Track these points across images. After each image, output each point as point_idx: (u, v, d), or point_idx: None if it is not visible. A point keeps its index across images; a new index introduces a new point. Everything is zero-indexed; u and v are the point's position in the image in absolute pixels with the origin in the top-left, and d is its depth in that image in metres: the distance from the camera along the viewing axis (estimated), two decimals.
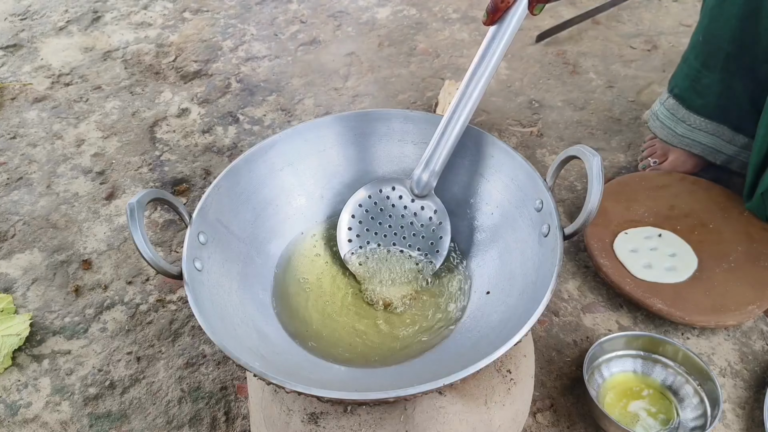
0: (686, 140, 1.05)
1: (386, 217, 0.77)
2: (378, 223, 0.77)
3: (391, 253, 0.76)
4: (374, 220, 0.77)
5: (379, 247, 0.76)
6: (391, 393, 0.52)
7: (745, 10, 0.87)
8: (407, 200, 0.77)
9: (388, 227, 0.77)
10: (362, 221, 0.77)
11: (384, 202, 0.78)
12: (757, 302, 0.86)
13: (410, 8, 1.63)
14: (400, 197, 0.77)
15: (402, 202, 0.77)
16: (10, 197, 1.17)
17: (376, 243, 0.77)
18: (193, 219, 0.67)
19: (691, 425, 0.76)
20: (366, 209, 0.77)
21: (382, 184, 0.78)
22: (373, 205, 0.77)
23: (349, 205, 0.78)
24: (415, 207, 0.77)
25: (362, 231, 0.77)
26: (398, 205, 0.77)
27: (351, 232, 0.77)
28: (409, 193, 0.77)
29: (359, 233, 0.77)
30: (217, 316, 0.62)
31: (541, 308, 0.56)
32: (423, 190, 0.76)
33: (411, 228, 0.77)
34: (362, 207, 0.78)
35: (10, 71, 1.47)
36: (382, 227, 0.77)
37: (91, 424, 0.83)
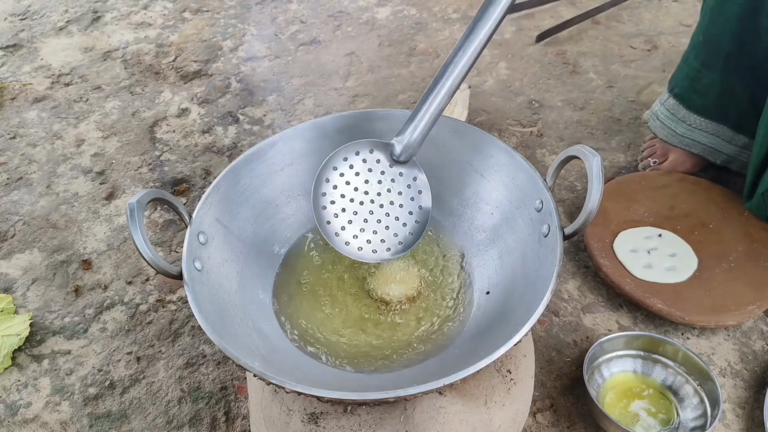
0: (686, 140, 1.05)
1: (362, 183, 0.72)
2: (353, 189, 0.72)
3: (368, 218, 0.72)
4: (349, 185, 0.72)
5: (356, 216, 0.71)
6: (391, 393, 0.52)
7: (745, 9, 0.87)
8: (386, 164, 0.72)
9: (365, 193, 0.72)
10: (337, 185, 0.71)
11: (361, 165, 0.72)
12: (757, 302, 0.86)
13: (410, 8, 1.63)
14: (378, 161, 0.72)
15: (380, 166, 0.72)
16: (10, 197, 1.17)
17: (352, 211, 0.71)
18: (193, 219, 0.67)
19: (691, 425, 0.76)
20: (341, 173, 0.71)
21: (360, 145, 0.72)
22: (349, 169, 0.72)
23: (324, 168, 0.72)
24: (393, 172, 0.72)
25: (337, 197, 0.71)
26: (375, 169, 0.72)
27: (325, 198, 0.71)
28: (388, 158, 0.72)
29: (334, 199, 0.71)
30: (217, 316, 0.62)
31: (541, 308, 0.56)
32: (402, 155, 0.70)
33: (389, 195, 0.72)
34: (337, 170, 0.72)
35: (10, 71, 1.47)
36: (358, 193, 0.72)
37: (91, 424, 0.83)
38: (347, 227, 0.71)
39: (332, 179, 0.72)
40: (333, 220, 0.71)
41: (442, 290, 0.74)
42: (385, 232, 0.71)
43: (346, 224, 0.71)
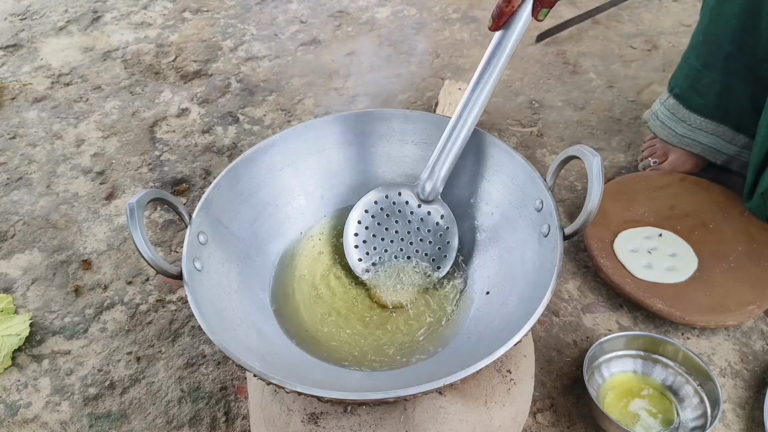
0: (686, 140, 1.05)
1: (392, 223, 0.77)
2: (384, 229, 0.77)
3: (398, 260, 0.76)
4: (380, 225, 0.77)
5: (386, 253, 0.76)
6: (391, 393, 0.52)
7: (746, 9, 0.87)
8: (414, 205, 0.77)
9: (395, 233, 0.77)
10: (369, 227, 0.77)
11: (390, 208, 0.77)
12: (757, 302, 0.86)
13: (410, 8, 1.63)
14: (407, 202, 0.77)
15: (408, 207, 0.77)
16: (10, 197, 1.17)
17: (383, 249, 0.76)
18: (193, 219, 0.67)
19: (691, 425, 0.76)
20: (372, 215, 0.77)
21: (389, 189, 0.77)
22: (380, 211, 0.77)
23: (355, 210, 0.77)
24: (421, 212, 0.76)
25: (369, 237, 0.77)
26: (405, 210, 0.77)
27: (357, 238, 0.76)
28: (415, 198, 0.76)
29: (366, 239, 0.76)
30: (217, 316, 0.62)
31: (541, 308, 0.56)
32: (429, 195, 0.75)
33: (418, 233, 0.76)
34: (368, 212, 0.77)
35: (10, 71, 1.47)
36: (389, 233, 0.77)
37: (91, 424, 0.83)
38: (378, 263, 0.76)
39: (364, 221, 0.77)
40: (364, 257, 0.76)
41: (442, 290, 0.74)
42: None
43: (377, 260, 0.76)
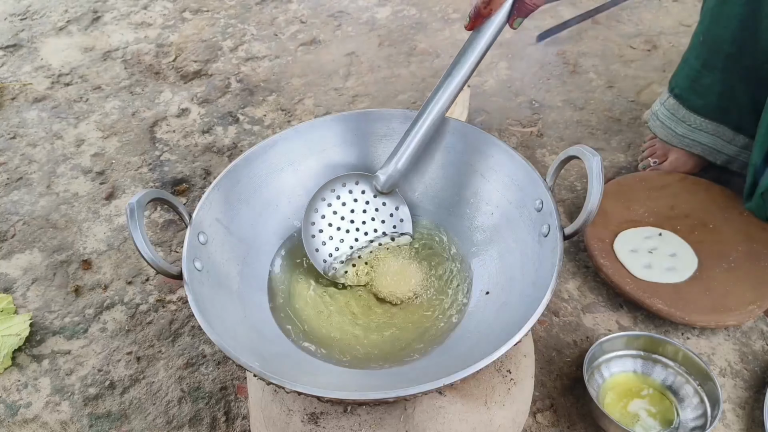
0: (686, 140, 1.05)
1: (348, 212, 0.78)
2: (340, 218, 0.78)
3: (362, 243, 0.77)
4: (336, 214, 0.77)
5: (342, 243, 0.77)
6: (391, 393, 0.52)
7: (746, 10, 0.87)
8: (369, 195, 0.78)
9: (350, 222, 0.78)
10: (324, 215, 0.77)
11: (346, 196, 0.78)
12: (757, 302, 0.86)
13: (410, 8, 1.63)
14: (363, 192, 0.78)
15: (364, 197, 0.78)
16: (10, 197, 1.17)
17: (339, 238, 0.77)
18: (193, 219, 0.67)
19: (691, 425, 0.76)
20: (329, 203, 0.77)
21: (346, 179, 0.78)
22: (336, 199, 0.78)
23: (313, 199, 0.77)
24: (377, 203, 0.78)
25: (325, 226, 0.77)
26: (360, 199, 0.78)
27: (314, 227, 0.76)
28: (372, 189, 0.77)
29: (322, 228, 0.77)
30: (217, 316, 0.62)
31: (541, 308, 0.56)
32: (385, 187, 0.77)
33: (372, 223, 0.78)
34: (325, 200, 0.77)
35: (10, 71, 1.47)
36: (344, 222, 0.78)
37: (91, 424, 0.83)
38: (334, 254, 0.76)
39: (320, 209, 0.77)
40: (321, 248, 0.76)
41: (442, 290, 0.74)
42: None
43: (334, 251, 0.77)
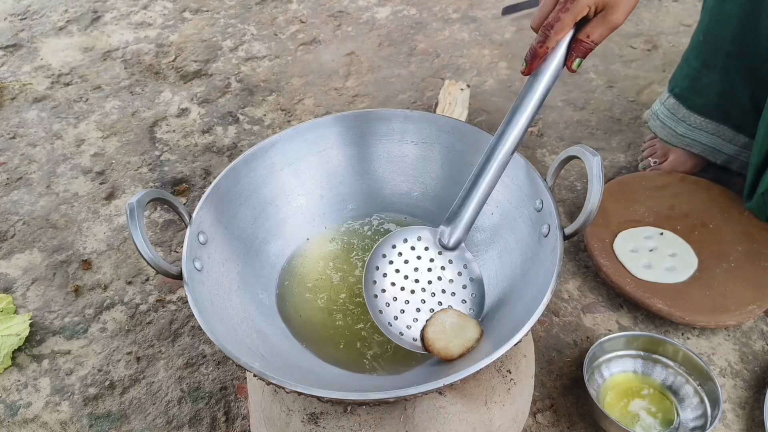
0: (686, 140, 1.05)
1: (412, 270, 0.70)
2: (404, 277, 0.70)
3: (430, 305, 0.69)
4: (399, 273, 0.70)
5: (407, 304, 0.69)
6: (391, 393, 0.52)
7: (746, 9, 0.87)
8: (434, 252, 0.70)
9: (415, 281, 0.70)
10: (387, 273, 0.69)
11: (409, 253, 0.70)
12: (757, 302, 0.86)
13: (410, 8, 1.63)
14: (426, 248, 0.71)
15: (428, 253, 0.70)
16: (10, 197, 1.17)
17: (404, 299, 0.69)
18: (192, 219, 0.67)
19: (691, 425, 0.76)
20: (390, 260, 0.70)
21: (408, 233, 0.71)
22: (398, 256, 0.70)
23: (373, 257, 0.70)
24: (443, 260, 0.70)
25: (388, 285, 0.69)
26: (424, 256, 0.70)
27: (376, 286, 0.69)
28: (436, 245, 0.70)
29: (385, 288, 0.69)
30: (217, 316, 0.62)
31: (541, 308, 0.56)
32: (453, 243, 0.69)
33: (439, 283, 0.70)
34: (386, 257, 0.70)
35: (10, 71, 1.47)
36: (408, 281, 0.69)
37: (91, 425, 0.83)
38: (400, 316, 0.68)
39: (382, 267, 0.70)
40: (385, 309, 0.68)
41: None
42: None
43: (399, 313, 0.68)
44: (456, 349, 0.63)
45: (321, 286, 0.75)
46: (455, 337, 0.64)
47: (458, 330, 0.64)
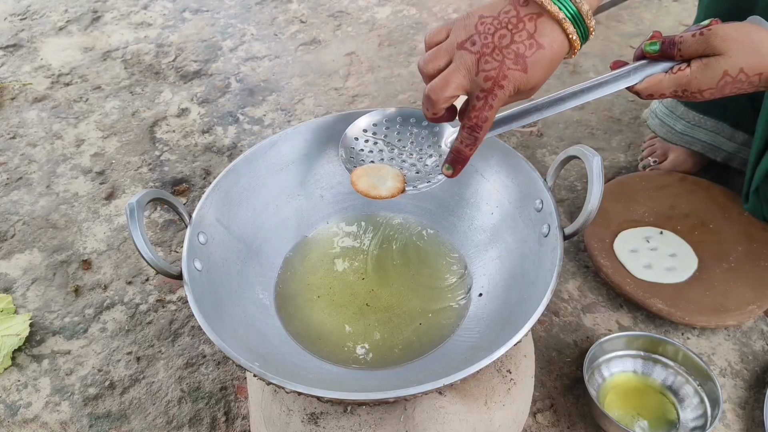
0: (686, 137, 1.05)
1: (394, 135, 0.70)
2: (383, 136, 0.70)
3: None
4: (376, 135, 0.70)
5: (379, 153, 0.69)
6: (391, 393, 0.52)
7: (740, 5, 0.87)
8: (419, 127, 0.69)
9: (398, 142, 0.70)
10: (370, 138, 0.70)
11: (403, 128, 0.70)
12: (757, 302, 0.86)
13: (410, 8, 1.63)
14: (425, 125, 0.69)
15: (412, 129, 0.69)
16: (10, 197, 1.17)
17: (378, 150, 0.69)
18: (192, 219, 0.67)
19: (691, 425, 0.76)
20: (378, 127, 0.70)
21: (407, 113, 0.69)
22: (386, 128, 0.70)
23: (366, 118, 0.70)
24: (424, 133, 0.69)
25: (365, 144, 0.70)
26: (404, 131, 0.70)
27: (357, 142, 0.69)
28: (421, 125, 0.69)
29: (362, 147, 0.70)
30: (217, 316, 0.62)
31: (541, 308, 0.56)
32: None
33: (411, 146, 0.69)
34: (377, 125, 0.70)
35: (9, 71, 1.47)
36: (388, 141, 0.70)
37: (91, 425, 0.83)
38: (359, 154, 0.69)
39: (369, 130, 0.70)
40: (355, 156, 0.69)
41: (441, 290, 0.74)
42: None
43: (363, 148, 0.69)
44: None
45: (321, 286, 0.75)
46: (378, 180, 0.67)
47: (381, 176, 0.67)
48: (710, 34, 0.59)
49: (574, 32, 0.56)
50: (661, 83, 0.61)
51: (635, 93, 0.62)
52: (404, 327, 0.70)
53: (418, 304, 0.72)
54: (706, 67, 0.59)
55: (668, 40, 0.61)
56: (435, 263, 0.76)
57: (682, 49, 0.60)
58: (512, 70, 0.55)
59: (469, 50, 0.56)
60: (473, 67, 0.56)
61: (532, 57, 0.55)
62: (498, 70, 0.55)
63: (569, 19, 0.55)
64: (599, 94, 0.62)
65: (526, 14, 0.55)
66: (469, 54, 0.56)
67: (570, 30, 0.56)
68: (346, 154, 0.70)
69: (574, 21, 0.56)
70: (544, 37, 0.55)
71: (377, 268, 0.76)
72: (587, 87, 0.62)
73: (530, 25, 0.55)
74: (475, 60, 0.56)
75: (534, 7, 0.55)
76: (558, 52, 0.56)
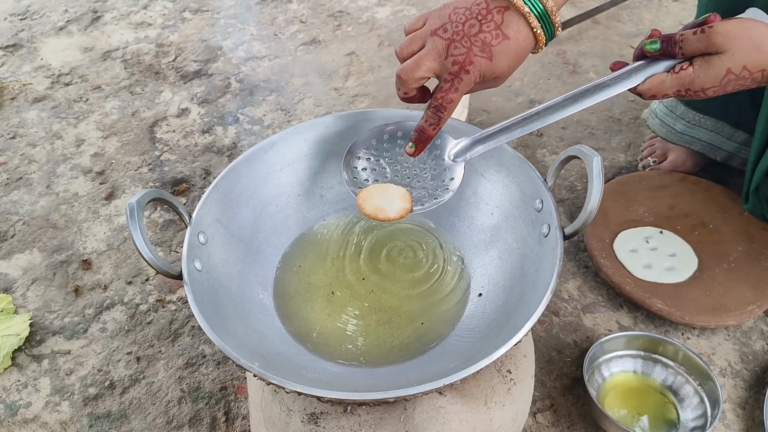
0: (686, 137, 1.05)
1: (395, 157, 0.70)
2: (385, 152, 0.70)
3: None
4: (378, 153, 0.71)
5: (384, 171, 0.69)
6: (391, 393, 0.52)
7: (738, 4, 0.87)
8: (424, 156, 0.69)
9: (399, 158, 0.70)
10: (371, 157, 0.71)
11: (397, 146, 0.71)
12: (757, 302, 0.86)
13: (410, 8, 1.63)
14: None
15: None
16: (10, 197, 1.17)
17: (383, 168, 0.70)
18: (192, 219, 0.67)
19: (691, 425, 0.76)
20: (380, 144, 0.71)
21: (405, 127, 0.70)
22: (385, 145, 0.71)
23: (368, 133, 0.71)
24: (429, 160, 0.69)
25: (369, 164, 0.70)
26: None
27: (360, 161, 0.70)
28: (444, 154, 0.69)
29: (365, 166, 0.70)
30: (217, 316, 0.62)
31: (541, 308, 0.56)
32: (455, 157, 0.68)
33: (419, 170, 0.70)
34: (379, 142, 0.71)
35: (9, 71, 1.47)
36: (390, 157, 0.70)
37: (91, 425, 0.83)
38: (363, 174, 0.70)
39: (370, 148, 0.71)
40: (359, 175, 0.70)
41: (441, 290, 0.74)
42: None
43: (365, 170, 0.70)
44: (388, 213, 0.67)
45: (321, 286, 0.75)
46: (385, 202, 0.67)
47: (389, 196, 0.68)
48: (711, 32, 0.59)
49: (539, 26, 0.59)
50: (664, 83, 0.61)
51: (637, 94, 0.62)
52: (404, 327, 0.70)
53: (417, 304, 0.72)
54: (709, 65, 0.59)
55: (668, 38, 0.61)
56: (435, 263, 0.76)
57: (684, 47, 0.60)
58: (478, 57, 0.59)
59: (441, 36, 0.60)
60: (443, 51, 0.59)
61: (498, 47, 0.59)
62: (465, 56, 0.59)
63: (534, 14, 0.58)
64: (601, 97, 0.62)
65: (495, 6, 0.59)
66: (440, 40, 0.60)
67: (534, 24, 0.59)
68: (349, 175, 0.71)
69: (539, 17, 0.59)
70: (510, 29, 0.58)
71: (377, 269, 0.76)
72: (588, 90, 0.62)
73: (498, 17, 0.59)
74: (445, 45, 0.59)
75: (502, 1, 0.59)
76: (524, 45, 0.60)
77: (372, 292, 0.74)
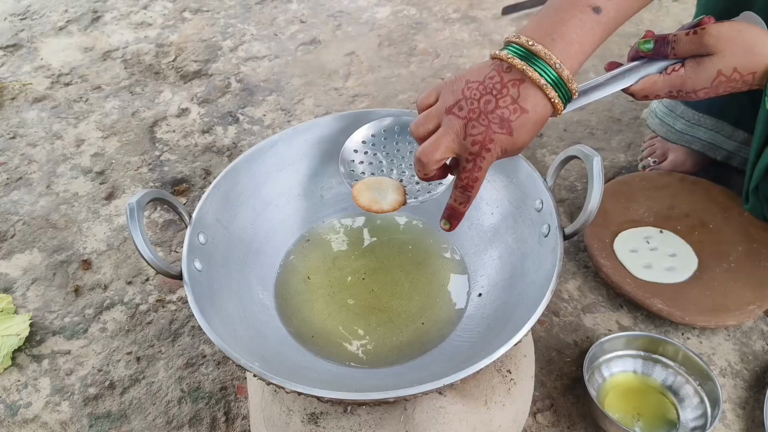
0: (686, 136, 1.05)
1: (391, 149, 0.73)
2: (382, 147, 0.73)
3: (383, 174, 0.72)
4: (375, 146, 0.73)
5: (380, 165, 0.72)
6: (391, 393, 0.52)
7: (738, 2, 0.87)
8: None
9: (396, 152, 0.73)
10: (368, 150, 0.73)
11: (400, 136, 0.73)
12: (757, 302, 0.86)
13: (410, 8, 1.63)
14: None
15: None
16: (10, 197, 1.17)
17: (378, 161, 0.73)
18: (192, 219, 0.67)
19: (692, 425, 0.76)
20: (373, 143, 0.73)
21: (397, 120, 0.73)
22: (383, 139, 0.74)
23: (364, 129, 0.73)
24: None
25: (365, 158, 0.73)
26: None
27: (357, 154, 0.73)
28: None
29: (362, 159, 0.73)
30: (217, 316, 0.62)
31: (541, 308, 0.56)
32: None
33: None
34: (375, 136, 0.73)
35: (9, 71, 1.47)
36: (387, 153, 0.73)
37: (91, 425, 0.83)
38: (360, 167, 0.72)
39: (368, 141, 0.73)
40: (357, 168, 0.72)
41: (441, 290, 0.74)
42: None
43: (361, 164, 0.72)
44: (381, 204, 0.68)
45: (321, 286, 0.75)
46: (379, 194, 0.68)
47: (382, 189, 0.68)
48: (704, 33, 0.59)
49: (556, 96, 0.56)
50: (656, 84, 0.61)
51: (630, 94, 0.63)
52: (404, 327, 0.70)
53: (417, 304, 0.72)
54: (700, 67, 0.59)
55: (661, 39, 0.61)
56: (435, 263, 0.76)
57: (676, 47, 0.60)
58: (498, 134, 0.56)
59: (457, 115, 0.57)
60: (461, 131, 0.57)
61: (517, 121, 0.56)
62: (484, 135, 0.56)
63: (550, 84, 0.56)
64: (595, 97, 0.62)
65: (509, 80, 0.56)
66: (456, 119, 0.57)
67: (552, 95, 0.56)
68: (345, 168, 0.72)
69: (555, 86, 0.56)
70: (527, 101, 0.55)
71: (377, 269, 0.76)
72: (583, 90, 0.63)
73: (513, 91, 0.56)
74: (462, 125, 0.56)
75: (517, 73, 0.56)
76: (542, 115, 0.57)
77: (372, 292, 0.74)
